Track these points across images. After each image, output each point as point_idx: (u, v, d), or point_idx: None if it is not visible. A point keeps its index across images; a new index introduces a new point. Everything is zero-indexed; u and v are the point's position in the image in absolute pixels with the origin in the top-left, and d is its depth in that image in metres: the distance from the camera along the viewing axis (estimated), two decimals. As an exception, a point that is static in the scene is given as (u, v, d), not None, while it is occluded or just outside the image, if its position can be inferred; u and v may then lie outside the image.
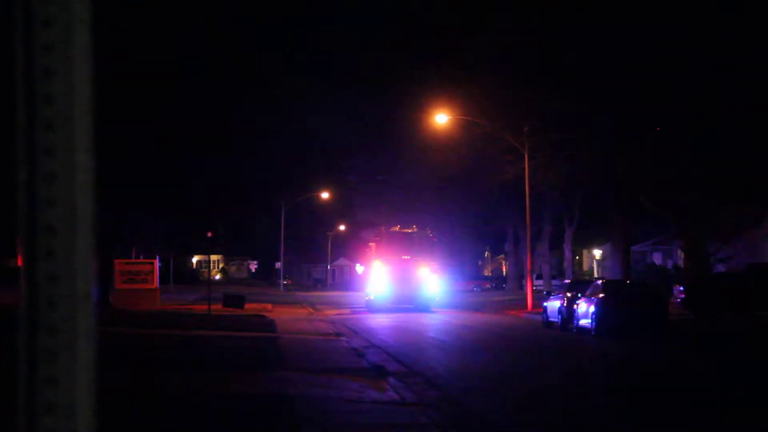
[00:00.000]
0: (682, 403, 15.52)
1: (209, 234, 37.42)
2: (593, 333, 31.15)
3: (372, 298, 51.56)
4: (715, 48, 40.60)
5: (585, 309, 32.56)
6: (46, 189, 1.78)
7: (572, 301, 34.72)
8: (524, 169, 49.89)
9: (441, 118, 51.50)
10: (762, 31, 39.33)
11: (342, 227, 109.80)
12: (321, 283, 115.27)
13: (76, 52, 1.82)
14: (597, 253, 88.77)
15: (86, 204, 1.81)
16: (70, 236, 1.78)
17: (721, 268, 54.36)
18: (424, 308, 49.78)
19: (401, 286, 50.47)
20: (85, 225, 1.80)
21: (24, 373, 1.75)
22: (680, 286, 41.64)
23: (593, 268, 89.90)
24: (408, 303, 50.14)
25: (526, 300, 51.71)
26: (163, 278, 68.76)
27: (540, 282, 75.87)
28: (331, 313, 48.27)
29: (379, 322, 40.23)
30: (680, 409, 14.91)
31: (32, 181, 1.78)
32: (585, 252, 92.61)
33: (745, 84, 41.21)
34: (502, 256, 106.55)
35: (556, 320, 36.16)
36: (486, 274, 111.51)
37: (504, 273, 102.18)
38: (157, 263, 47.23)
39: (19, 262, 1.81)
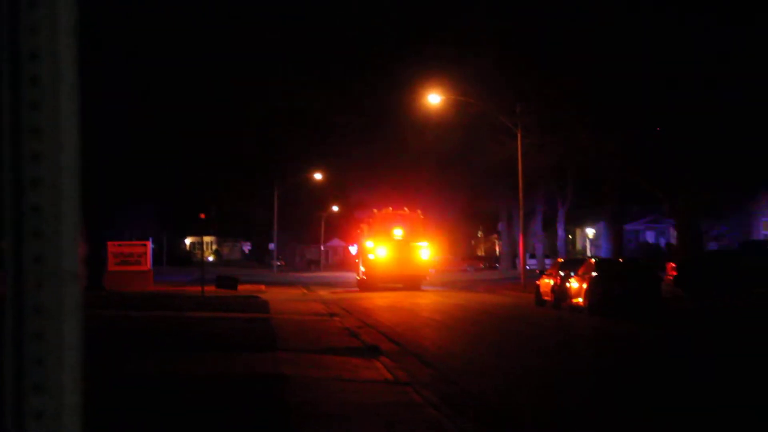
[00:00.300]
0: (669, 386, 15.61)
1: (202, 215, 37.33)
2: (586, 311, 31.23)
3: (364, 277, 52.44)
4: (706, 27, 40.58)
5: (577, 287, 32.63)
6: (32, 170, 1.78)
7: (565, 280, 34.78)
8: (517, 149, 49.90)
9: (434, 98, 51.41)
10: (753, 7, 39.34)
11: (335, 208, 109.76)
12: (314, 264, 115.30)
13: (63, 33, 1.81)
14: (590, 232, 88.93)
15: (73, 184, 1.81)
16: (56, 216, 1.77)
17: (714, 246, 54.49)
18: (414, 287, 50.66)
19: (392, 265, 51.17)
20: (71, 205, 1.80)
21: (11, 353, 1.75)
22: (673, 264, 41.69)
23: (586, 246, 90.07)
24: (399, 282, 51.01)
25: (519, 279, 51.80)
26: (157, 260, 68.73)
27: (533, 261, 76.04)
28: (324, 293, 48.34)
29: (373, 301, 40.29)
30: (667, 392, 14.99)
31: (18, 161, 1.78)
32: (578, 231, 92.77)
33: (739, 63, 41.20)
34: (495, 235, 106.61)
35: (549, 299, 36.24)
36: (479, 254, 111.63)
37: (497, 252, 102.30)
38: (150, 245, 47.19)
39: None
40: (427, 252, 53.11)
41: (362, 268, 53.30)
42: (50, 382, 1.74)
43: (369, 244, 52.58)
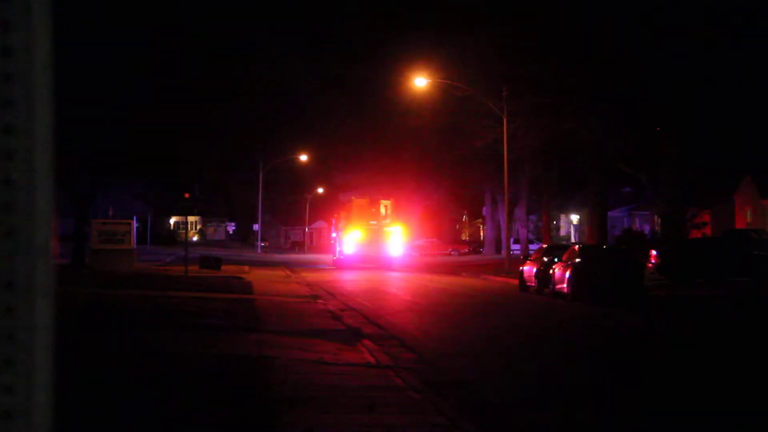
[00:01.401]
0: (646, 371, 15.67)
1: (186, 195, 37.22)
2: (569, 298, 31.29)
3: (340, 257, 58.71)
4: (691, 13, 40.60)
5: (561, 274, 32.67)
6: (5, 142, 1.75)
7: (549, 266, 34.82)
8: (502, 133, 49.85)
9: (420, 82, 51.30)
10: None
11: (320, 190, 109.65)
12: (299, 246, 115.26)
13: (37, 2, 1.78)
14: (574, 218, 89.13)
15: (46, 158, 1.77)
16: (29, 190, 1.74)
17: (696, 234, 54.67)
18: (386, 267, 55.79)
19: (366, 247, 57.49)
20: (44, 179, 1.76)
21: (-19, 329, 1.72)
22: (654, 252, 41.75)
23: (570, 232, 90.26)
24: (371, 263, 56.49)
25: (503, 264, 51.90)
26: (141, 239, 68.56)
27: (517, 246, 76.13)
28: (307, 275, 48.37)
29: (356, 284, 40.33)
30: (642, 376, 15.07)
31: (-10, 134, 1.75)
32: (562, 217, 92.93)
33: (723, 50, 41.23)
34: (479, 220, 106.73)
35: (533, 284, 36.29)
36: (464, 238, 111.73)
37: (482, 237, 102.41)
38: (134, 224, 47.02)
39: None
40: (398, 236, 59.24)
41: (339, 249, 59.52)
42: (20, 358, 1.71)
43: (345, 228, 58.70)
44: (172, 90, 42.55)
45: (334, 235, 64.58)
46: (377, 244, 57.73)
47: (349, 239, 58.09)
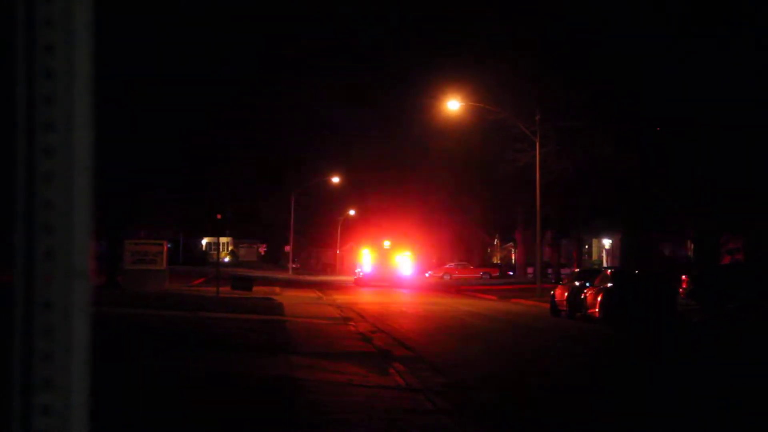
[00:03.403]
0: (674, 397, 15.55)
1: (218, 216, 37.40)
2: (601, 322, 31.12)
3: (360, 276, 70.46)
4: (724, 35, 40.42)
5: (593, 298, 32.51)
6: (45, 164, 1.77)
7: (580, 290, 34.66)
8: (535, 157, 49.74)
9: (453, 105, 51.34)
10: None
11: (352, 212, 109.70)
12: (330, 267, 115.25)
13: (78, 27, 1.80)
14: (606, 242, 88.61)
15: (85, 180, 1.80)
16: (67, 212, 1.76)
17: (730, 259, 54.19)
18: (398, 285, 65.38)
19: (380, 269, 69.47)
20: (83, 201, 1.79)
21: (19, 349, 1.75)
22: (685, 277, 41.40)
23: (602, 257, 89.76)
24: (385, 281, 67.66)
25: (534, 288, 51.70)
26: (173, 259, 68.82)
27: (549, 270, 75.76)
28: (338, 296, 48.40)
29: (386, 307, 40.31)
30: (671, 404, 14.94)
31: (31, 156, 1.77)
32: (594, 241, 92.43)
33: (761, 71, 40.98)
34: (511, 243, 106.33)
35: (564, 309, 36.12)
36: (495, 262, 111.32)
37: (513, 261, 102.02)
38: (166, 244, 47.26)
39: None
40: (408, 260, 71.18)
41: (358, 270, 71.92)
42: (58, 378, 1.73)
43: (364, 251, 71.18)
44: (206, 112, 42.85)
45: (357, 257, 75.92)
46: (389, 266, 69.72)
47: (366, 261, 70.45)
